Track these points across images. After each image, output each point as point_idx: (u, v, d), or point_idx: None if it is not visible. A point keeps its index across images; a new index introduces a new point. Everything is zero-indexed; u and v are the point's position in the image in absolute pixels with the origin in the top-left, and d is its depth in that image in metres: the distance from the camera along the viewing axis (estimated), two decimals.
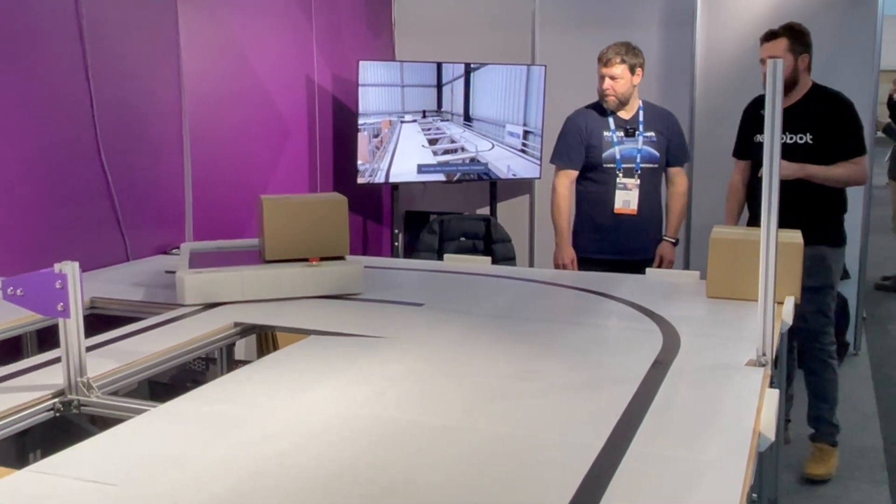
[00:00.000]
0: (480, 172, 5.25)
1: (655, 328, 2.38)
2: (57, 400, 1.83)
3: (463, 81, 5.12)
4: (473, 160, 5.21)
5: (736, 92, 4.92)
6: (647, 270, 3.20)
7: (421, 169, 5.10)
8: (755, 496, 2.17)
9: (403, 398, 1.82)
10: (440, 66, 5.07)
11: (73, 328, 1.81)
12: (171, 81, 3.70)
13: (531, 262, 5.61)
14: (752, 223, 3.57)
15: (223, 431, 1.62)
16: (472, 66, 5.12)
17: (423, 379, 1.96)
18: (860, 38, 4.71)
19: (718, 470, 1.45)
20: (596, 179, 3.80)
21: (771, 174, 1.92)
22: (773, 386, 1.93)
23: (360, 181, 4.91)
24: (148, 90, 3.58)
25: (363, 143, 4.87)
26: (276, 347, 2.85)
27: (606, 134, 3.77)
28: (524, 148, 5.29)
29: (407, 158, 5.04)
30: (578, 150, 3.80)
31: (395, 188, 5.26)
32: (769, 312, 1.96)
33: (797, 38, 3.47)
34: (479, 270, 3.25)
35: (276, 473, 1.43)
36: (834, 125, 3.43)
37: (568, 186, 3.84)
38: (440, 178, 5.17)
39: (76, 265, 1.80)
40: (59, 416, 1.83)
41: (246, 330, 2.48)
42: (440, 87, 5.08)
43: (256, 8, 4.27)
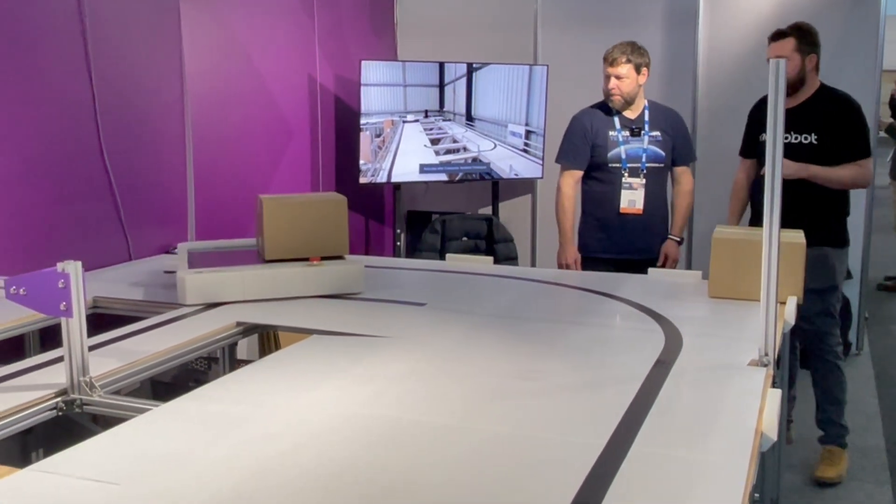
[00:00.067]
0: (482, 172, 5.25)
1: (657, 328, 2.38)
2: (59, 399, 1.83)
3: (465, 81, 5.12)
4: (475, 160, 5.21)
5: (738, 91, 4.93)
6: (649, 270, 3.19)
7: (423, 169, 5.10)
8: (757, 496, 2.17)
9: (405, 398, 1.82)
10: (442, 65, 5.07)
11: (75, 327, 1.81)
12: (173, 81, 3.70)
13: (533, 261, 5.61)
14: (754, 222, 3.56)
15: (225, 431, 1.62)
16: (474, 65, 5.12)
17: (425, 379, 1.96)
18: (862, 38, 4.71)
19: (720, 470, 1.45)
20: (601, 179, 3.80)
21: (773, 174, 1.92)
22: (775, 386, 1.93)
23: (362, 181, 4.91)
24: (150, 90, 3.58)
25: (365, 142, 4.87)
26: (277, 347, 2.85)
27: (612, 133, 3.77)
28: (526, 148, 5.29)
29: (409, 158, 5.04)
30: (584, 149, 3.80)
31: (397, 188, 5.26)
32: (771, 312, 1.96)
33: (805, 37, 3.45)
34: (481, 270, 3.25)
35: (277, 473, 1.43)
36: (840, 126, 3.42)
37: (573, 186, 3.83)
38: (442, 177, 5.17)
39: (79, 264, 1.80)
40: (61, 415, 1.83)
41: (248, 329, 2.48)
42: (442, 86, 5.08)
43: (259, 7, 4.27)
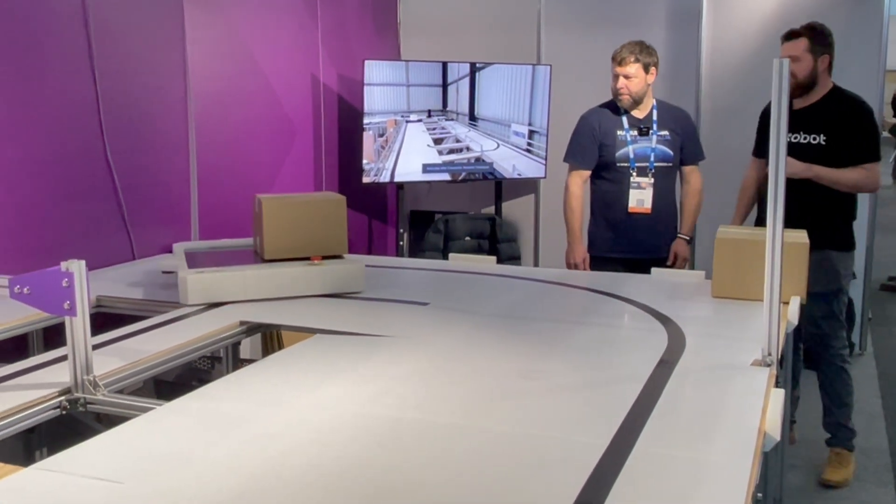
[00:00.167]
0: (485, 172, 5.25)
1: (661, 328, 2.38)
2: (63, 398, 1.83)
3: (468, 81, 5.12)
4: (478, 160, 5.21)
5: (741, 92, 4.94)
6: (652, 270, 3.19)
7: (426, 168, 5.10)
8: (760, 496, 2.17)
9: (408, 397, 1.82)
10: (445, 65, 5.07)
11: (79, 326, 1.82)
12: (176, 80, 3.71)
13: (536, 261, 5.61)
14: (760, 223, 3.55)
15: (228, 430, 1.62)
16: (477, 65, 5.12)
17: (427, 378, 1.96)
18: (866, 37, 4.71)
19: (723, 469, 1.45)
20: (610, 178, 3.80)
21: (777, 174, 1.91)
22: (778, 386, 1.93)
23: (365, 180, 4.91)
24: (154, 89, 3.59)
25: (368, 142, 4.88)
26: (281, 346, 2.86)
27: (620, 133, 3.77)
28: (529, 147, 5.29)
29: (412, 158, 5.04)
30: (592, 149, 3.80)
31: (400, 187, 5.26)
32: (774, 312, 1.96)
33: (817, 38, 3.42)
34: (484, 270, 3.25)
35: (280, 472, 1.43)
36: (849, 128, 3.39)
37: (581, 186, 3.84)
38: (445, 177, 5.17)
39: (82, 263, 1.80)
40: (65, 413, 1.83)
41: (251, 329, 2.49)
42: (445, 86, 5.08)
43: (262, 7, 4.28)
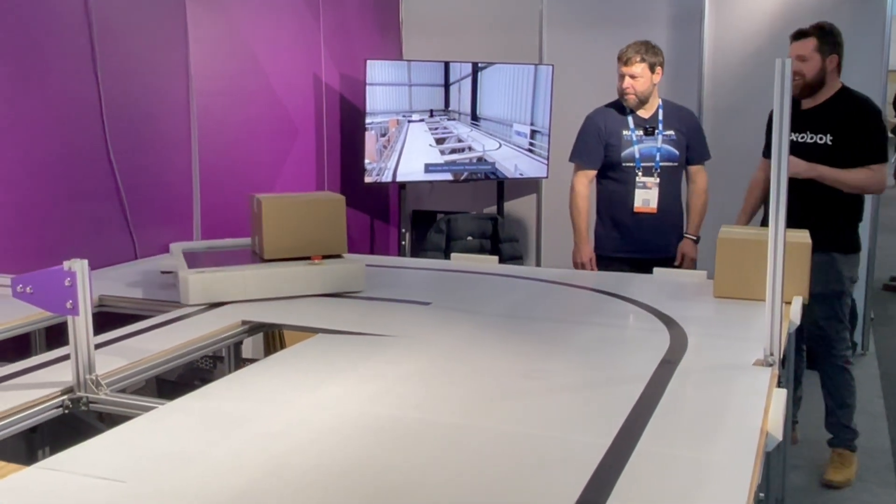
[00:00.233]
0: (487, 172, 5.25)
1: (663, 328, 2.38)
2: (66, 397, 1.84)
3: (470, 81, 5.12)
4: (480, 159, 5.21)
5: (744, 92, 4.94)
6: (654, 270, 3.19)
7: (428, 168, 5.10)
8: (762, 496, 2.17)
9: (410, 397, 1.82)
10: (447, 65, 5.07)
11: (81, 326, 1.82)
12: (179, 80, 3.71)
13: (538, 261, 5.61)
14: (766, 222, 3.54)
15: (231, 429, 1.62)
16: (479, 65, 5.12)
17: (430, 378, 1.96)
18: (868, 37, 4.70)
19: (726, 469, 1.45)
20: (615, 178, 3.81)
21: (779, 174, 1.91)
22: (780, 385, 1.93)
23: (367, 180, 4.91)
24: (156, 89, 3.59)
25: (370, 142, 4.88)
26: (283, 346, 2.86)
27: (625, 133, 3.77)
28: (531, 147, 5.29)
29: (414, 157, 5.04)
30: (597, 149, 3.80)
31: (402, 187, 5.26)
32: (777, 312, 1.96)
33: (826, 38, 3.42)
34: (486, 270, 3.25)
35: (283, 471, 1.43)
36: (856, 129, 3.37)
37: (586, 185, 3.84)
38: (447, 177, 5.17)
39: (85, 263, 1.80)
40: (67, 413, 1.83)
41: (254, 328, 2.49)
42: (447, 86, 5.08)
43: (264, 7, 4.28)
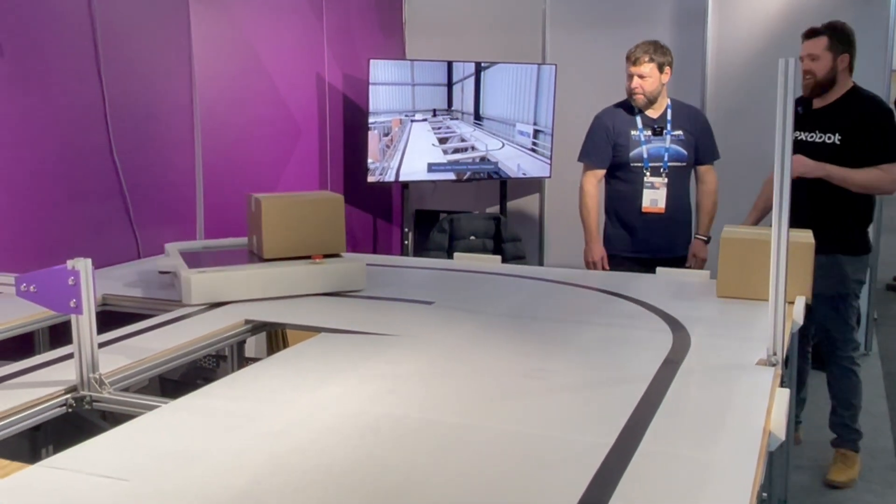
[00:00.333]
0: (490, 171, 5.25)
1: (666, 327, 2.38)
2: (69, 396, 1.84)
3: (473, 80, 5.12)
4: (483, 159, 5.21)
5: (747, 92, 4.93)
6: (657, 270, 3.19)
7: (431, 168, 5.10)
8: (765, 495, 2.17)
9: (413, 396, 1.83)
10: (451, 64, 5.07)
11: (85, 325, 1.82)
12: (182, 81, 3.71)
13: (541, 261, 5.61)
14: None
15: (233, 428, 1.63)
16: (482, 65, 5.12)
17: (432, 377, 1.97)
18: (872, 38, 4.69)
19: (728, 469, 1.45)
20: (623, 178, 3.81)
21: (782, 174, 1.91)
22: (783, 385, 1.93)
23: (370, 180, 4.92)
24: (160, 90, 3.59)
25: (373, 141, 4.88)
26: (286, 345, 2.86)
27: (634, 133, 3.77)
28: (534, 147, 5.29)
29: (417, 157, 5.04)
30: (606, 149, 3.80)
31: (405, 187, 5.27)
32: (780, 312, 1.96)
33: (838, 37, 3.39)
34: (488, 269, 3.25)
35: (286, 470, 1.43)
36: (866, 128, 3.34)
37: (595, 185, 3.85)
38: (450, 176, 5.17)
39: (89, 262, 1.80)
40: (71, 411, 1.84)
41: (257, 327, 2.49)
42: (450, 85, 5.08)
43: (267, 7, 4.28)
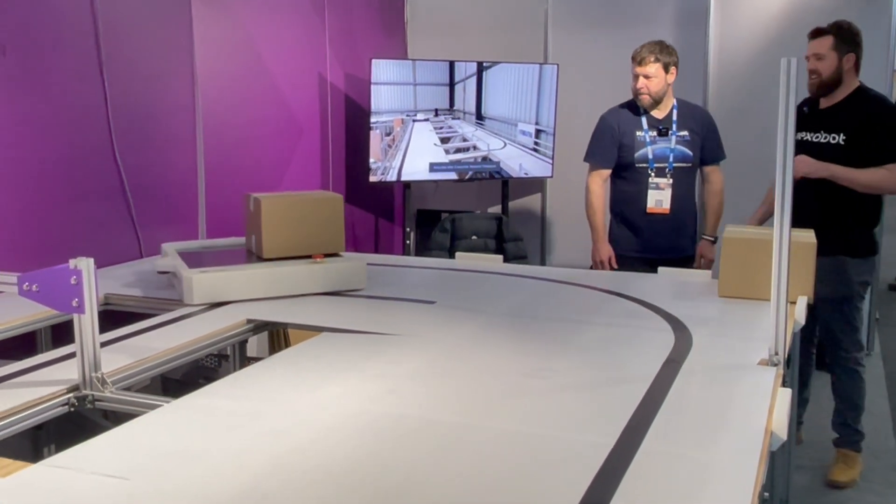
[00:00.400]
0: (492, 171, 5.25)
1: (667, 327, 2.38)
2: (71, 395, 1.84)
3: (475, 80, 5.12)
4: (485, 159, 5.21)
5: (748, 91, 4.93)
6: (659, 269, 3.19)
7: (433, 167, 5.10)
8: (766, 495, 2.17)
9: (415, 395, 1.83)
10: (452, 64, 5.07)
11: (87, 324, 1.82)
12: (184, 81, 3.72)
13: (543, 260, 5.61)
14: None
15: (235, 427, 1.63)
16: (484, 64, 5.12)
17: (434, 376, 1.97)
18: (874, 37, 4.67)
19: (730, 469, 1.45)
20: (628, 178, 3.81)
21: (784, 174, 1.91)
22: (785, 385, 1.93)
23: (371, 179, 4.92)
24: (162, 90, 3.60)
25: (375, 141, 4.88)
26: (288, 344, 2.87)
27: (639, 134, 3.77)
28: (536, 147, 5.28)
29: (419, 157, 5.05)
30: (611, 149, 3.80)
31: (406, 186, 5.27)
32: (782, 311, 1.96)
33: (844, 36, 3.39)
34: (490, 269, 3.26)
35: (287, 469, 1.43)
36: (872, 128, 3.33)
37: (601, 185, 3.85)
38: (452, 176, 5.17)
39: (91, 261, 1.80)
40: (73, 410, 1.84)
41: (259, 326, 2.49)
42: (452, 85, 5.08)
43: (269, 7, 4.28)
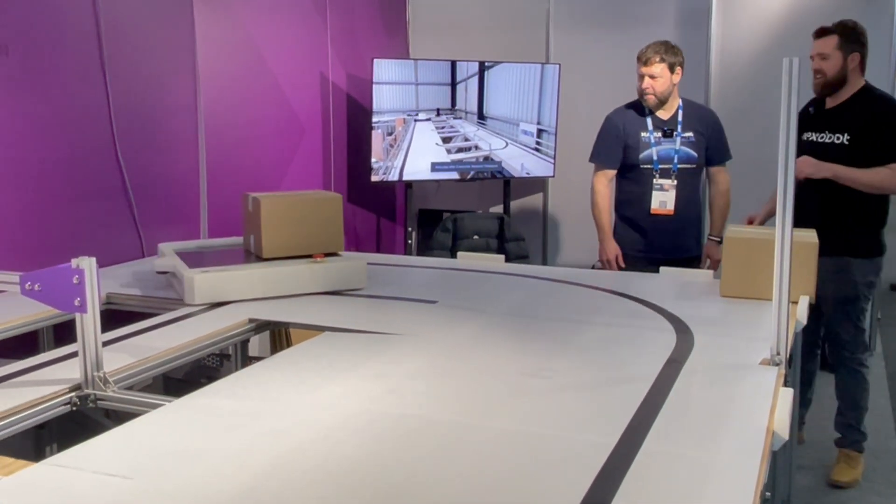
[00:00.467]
0: (494, 171, 5.25)
1: (669, 327, 2.38)
2: (73, 394, 1.84)
3: (477, 80, 5.12)
4: (487, 158, 5.21)
5: (750, 91, 4.93)
6: (661, 269, 3.19)
7: (434, 167, 5.10)
8: (768, 495, 2.16)
9: (416, 395, 1.83)
10: (454, 64, 5.07)
11: (89, 323, 1.83)
12: (186, 81, 3.72)
13: (544, 260, 5.61)
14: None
15: (237, 426, 1.63)
16: (486, 64, 5.12)
17: (436, 376, 1.97)
18: (875, 37, 4.63)
19: (732, 469, 1.45)
20: (633, 179, 3.81)
21: (785, 174, 1.91)
22: (787, 385, 1.93)
23: (373, 179, 4.92)
24: (164, 90, 3.60)
25: (377, 140, 4.88)
26: (289, 344, 2.87)
27: (644, 135, 3.76)
28: (538, 146, 5.28)
29: (421, 156, 5.05)
30: (616, 149, 3.80)
31: (408, 186, 5.27)
32: (783, 311, 1.96)
33: (848, 35, 3.38)
34: (492, 268, 3.26)
35: (289, 469, 1.44)
36: (877, 127, 3.31)
37: (606, 185, 3.85)
38: (454, 176, 5.17)
39: (93, 261, 1.81)
40: (75, 409, 1.84)
41: (260, 326, 2.49)
42: (454, 85, 5.08)
43: (271, 7, 4.28)
